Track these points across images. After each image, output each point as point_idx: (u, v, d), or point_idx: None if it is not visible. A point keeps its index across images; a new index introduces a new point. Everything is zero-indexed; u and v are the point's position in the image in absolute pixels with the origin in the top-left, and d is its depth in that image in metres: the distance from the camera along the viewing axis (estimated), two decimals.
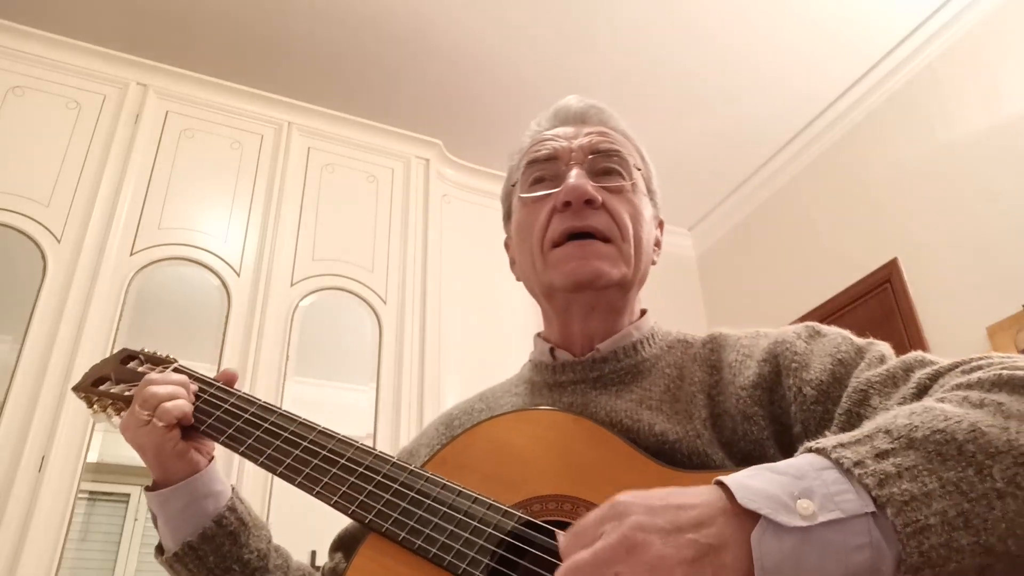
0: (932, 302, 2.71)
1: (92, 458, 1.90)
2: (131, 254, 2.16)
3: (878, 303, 2.90)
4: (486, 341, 2.52)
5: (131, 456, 0.80)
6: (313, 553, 1.57)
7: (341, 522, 0.85)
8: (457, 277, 2.60)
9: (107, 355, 1.97)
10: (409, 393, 2.30)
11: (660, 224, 0.89)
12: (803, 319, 3.18)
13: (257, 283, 2.27)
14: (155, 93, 2.42)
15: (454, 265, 2.62)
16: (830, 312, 3.07)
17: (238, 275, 2.26)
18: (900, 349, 0.67)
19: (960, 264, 2.64)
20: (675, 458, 0.67)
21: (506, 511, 0.63)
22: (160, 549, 0.81)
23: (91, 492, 1.94)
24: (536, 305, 0.86)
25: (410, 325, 2.42)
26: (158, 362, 0.92)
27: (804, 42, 2.93)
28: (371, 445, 0.75)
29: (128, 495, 2.07)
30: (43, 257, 2.04)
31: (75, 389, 0.88)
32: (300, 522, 0.88)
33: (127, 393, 0.85)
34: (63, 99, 2.29)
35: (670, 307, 3.69)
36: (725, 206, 3.83)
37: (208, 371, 0.88)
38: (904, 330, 2.72)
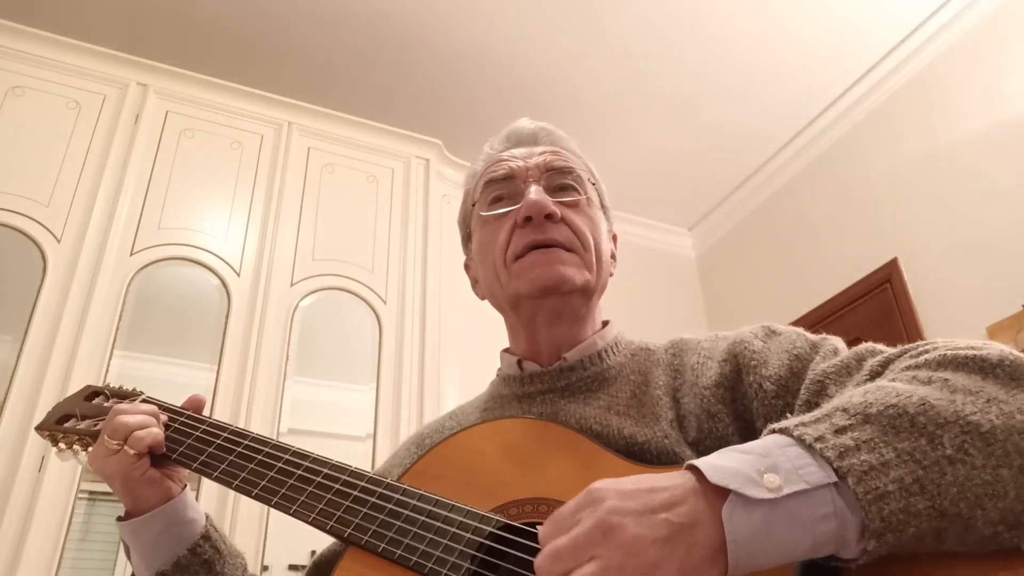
0: (932, 302, 2.71)
1: None
2: (131, 254, 2.16)
3: (878, 303, 2.90)
4: (486, 341, 2.51)
5: None
6: (312, 553, 1.57)
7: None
8: (457, 277, 2.59)
9: (106, 356, 1.98)
10: (409, 393, 2.30)
11: (614, 237, 0.92)
12: (803, 319, 3.19)
13: (257, 283, 2.27)
14: (155, 93, 2.42)
15: (454, 265, 2.60)
16: (830, 312, 3.07)
17: (238, 275, 2.26)
18: None
19: (960, 264, 2.64)
20: (645, 459, 0.68)
21: (484, 516, 0.64)
22: None
23: (91, 492, 1.94)
24: None
25: (410, 325, 2.42)
26: (124, 396, 0.90)
27: (804, 42, 2.93)
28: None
29: None
30: (43, 257, 2.04)
31: (39, 428, 0.87)
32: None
33: (95, 428, 0.84)
34: (63, 99, 2.29)
35: (670, 307, 3.71)
36: (725, 206, 3.82)
37: (208, 372, 0.88)
38: (904, 330, 2.72)
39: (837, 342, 0.70)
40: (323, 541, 0.87)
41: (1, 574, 1.67)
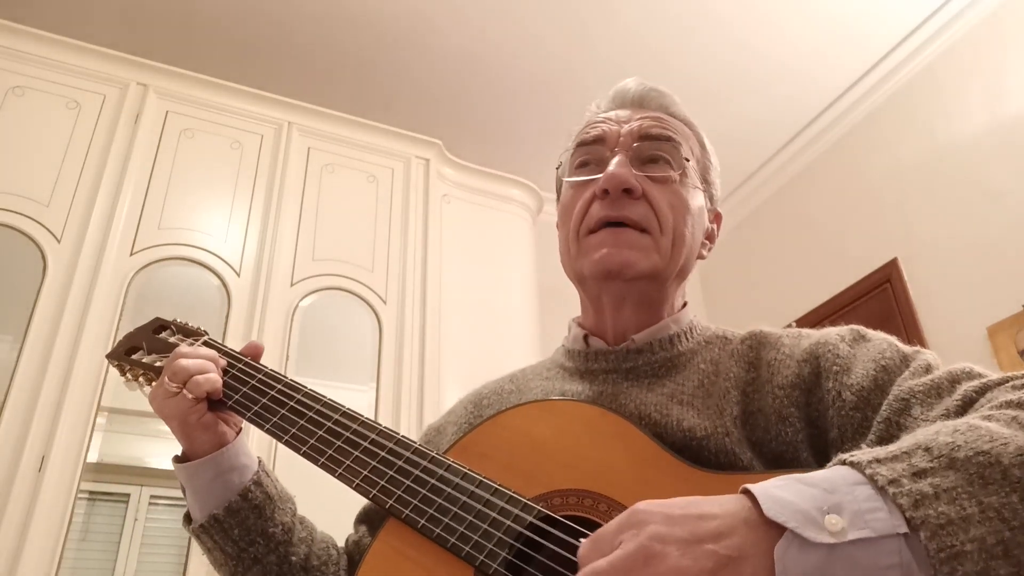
0: (932, 302, 2.71)
1: (92, 458, 1.89)
2: (131, 254, 2.16)
3: (878, 303, 2.90)
4: (486, 341, 2.52)
5: (131, 456, 0.80)
6: None
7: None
8: (457, 277, 2.60)
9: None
10: (409, 393, 2.30)
11: (716, 217, 0.86)
12: (803, 319, 3.19)
13: (257, 283, 2.27)
14: (155, 93, 2.42)
15: (454, 265, 2.62)
16: (830, 312, 3.07)
17: (238, 275, 2.26)
18: None
19: (960, 264, 2.64)
20: (701, 455, 0.65)
21: (526, 504, 0.63)
22: (188, 517, 0.81)
23: (91, 492, 1.94)
24: (537, 306, 0.86)
25: (410, 325, 2.42)
26: (189, 333, 0.92)
27: (803, 42, 2.93)
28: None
29: (128, 495, 2.06)
30: (43, 257, 2.04)
31: (109, 357, 0.89)
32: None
33: (158, 364, 0.86)
34: (63, 99, 2.29)
35: None
36: (725, 206, 3.80)
37: None
38: (904, 330, 2.72)
39: (931, 357, 0.64)
40: (330, 528, 0.88)
41: (1, 574, 1.67)
